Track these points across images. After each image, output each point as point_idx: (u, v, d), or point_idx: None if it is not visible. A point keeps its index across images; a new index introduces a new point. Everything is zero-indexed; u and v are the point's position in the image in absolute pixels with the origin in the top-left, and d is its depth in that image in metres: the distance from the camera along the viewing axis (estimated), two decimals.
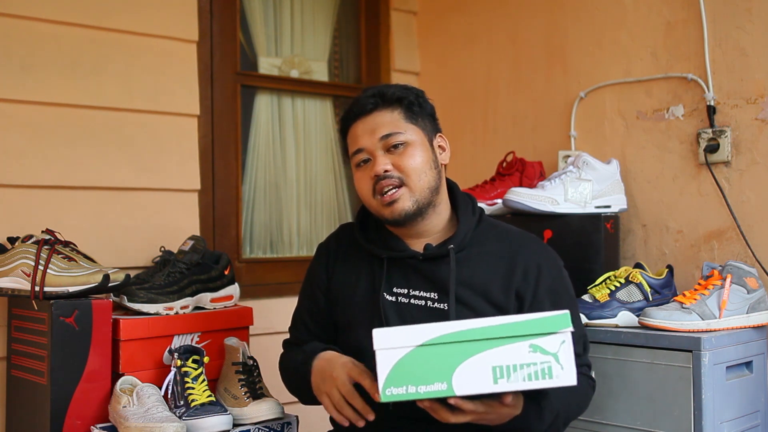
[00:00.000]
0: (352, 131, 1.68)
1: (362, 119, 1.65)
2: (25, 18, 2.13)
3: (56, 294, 1.79)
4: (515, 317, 1.36)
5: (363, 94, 1.68)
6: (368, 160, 1.65)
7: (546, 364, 1.32)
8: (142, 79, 2.33)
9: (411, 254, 1.66)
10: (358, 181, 1.68)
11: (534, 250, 1.69)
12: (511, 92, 2.72)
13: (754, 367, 1.93)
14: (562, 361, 1.32)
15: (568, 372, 1.32)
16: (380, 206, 1.63)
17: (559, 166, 2.43)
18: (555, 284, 1.67)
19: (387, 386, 1.34)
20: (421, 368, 1.34)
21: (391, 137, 1.62)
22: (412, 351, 1.34)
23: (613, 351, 1.90)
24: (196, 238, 2.12)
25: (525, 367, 1.33)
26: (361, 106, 1.65)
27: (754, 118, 2.10)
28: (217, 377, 1.99)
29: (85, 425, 1.81)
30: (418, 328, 1.36)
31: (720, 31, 2.16)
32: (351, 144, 1.68)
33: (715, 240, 2.16)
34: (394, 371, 1.34)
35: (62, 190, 2.19)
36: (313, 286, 1.77)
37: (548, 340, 1.33)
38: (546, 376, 1.32)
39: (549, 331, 1.34)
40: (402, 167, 1.61)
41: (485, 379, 1.33)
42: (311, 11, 2.88)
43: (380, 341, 1.35)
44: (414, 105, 1.66)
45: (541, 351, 1.33)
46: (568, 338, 1.33)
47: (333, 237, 1.82)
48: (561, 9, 2.56)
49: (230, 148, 2.58)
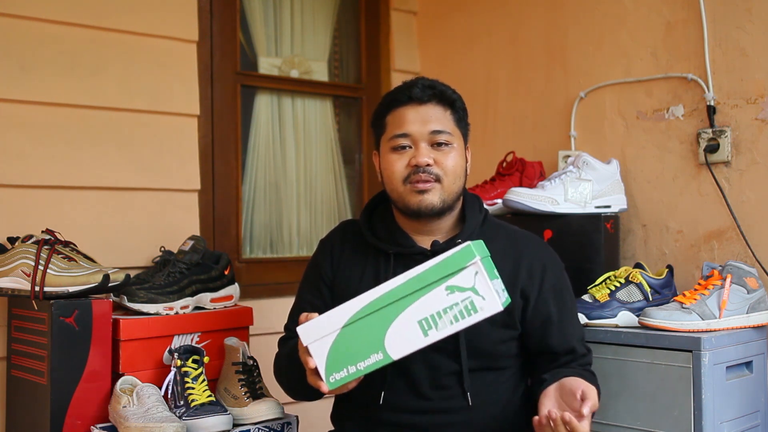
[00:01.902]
0: (398, 113, 1.67)
1: (414, 106, 1.65)
2: (25, 18, 2.13)
3: (56, 294, 1.79)
4: (425, 266, 1.37)
5: (416, 82, 1.68)
6: (408, 147, 1.65)
7: (467, 300, 1.34)
8: (142, 79, 2.33)
9: (419, 250, 1.67)
10: (391, 164, 1.66)
11: (539, 250, 1.73)
12: (511, 92, 2.72)
13: (754, 367, 1.93)
14: (482, 293, 1.34)
15: (491, 300, 1.34)
16: (408, 193, 1.64)
17: (559, 166, 2.43)
18: (558, 284, 1.71)
19: (329, 374, 1.37)
20: (353, 346, 1.37)
21: (441, 134, 1.64)
22: (339, 334, 1.37)
23: (613, 351, 1.90)
24: (196, 238, 2.13)
25: (448, 310, 1.35)
26: (417, 93, 1.65)
27: (754, 118, 2.10)
28: (217, 377, 1.99)
29: (85, 425, 1.81)
30: (336, 311, 1.39)
31: (720, 31, 2.16)
32: (393, 125, 1.67)
33: (715, 240, 2.16)
34: (330, 359, 1.37)
35: (62, 190, 2.18)
36: (318, 279, 1.76)
37: (461, 277, 1.35)
38: (472, 312, 1.34)
39: (459, 268, 1.35)
40: (443, 165, 1.64)
41: (415, 335, 1.35)
42: (311, 11, 2.88)
43: (306, 336, 1.38)
44: (462, 112, 1.71)
45: (459, 290, 1.34)
46: (479, 268, 1.34)
47: (336, 232, 1.82)
48: (561, 9, 2.56)
49: (230, 148, 2.58)
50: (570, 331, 1.69)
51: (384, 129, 1.70)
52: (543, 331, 1.67)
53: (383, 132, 1.70)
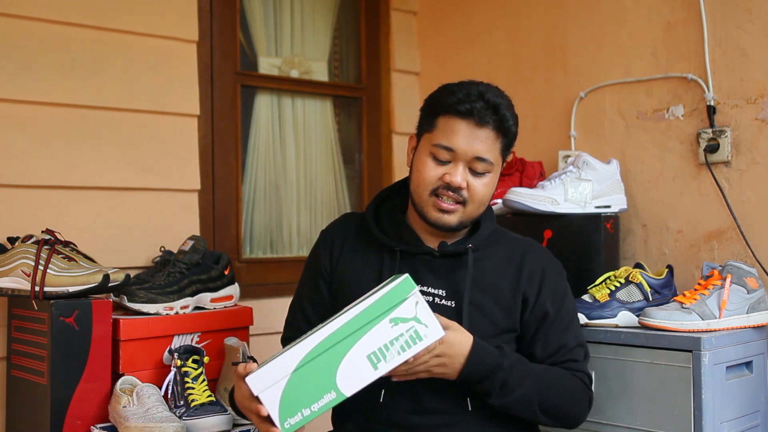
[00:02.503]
0: (452, 122, 1.60)
1: (471, 124, 1.59)
2: (25, 18, 2.13)
3: (56, 294, 1.79)
4: (361, 305, 1.40)
5: (483, 96, 1.59)
6: (447, 161, 1.61)
7: (411, 330, 1.38)
8: (142, 79, 2.33)
9: (426, 250, 1.67)
10: (425, 169, 1.62)
11: (539, 256, 1.73)
12: (511, 92, 2.67)
13: (754, 367, 1.93)
14: (424, 321, 1.38)
15: (433, 327, 1.39)
16: (430, 205, 1.63)
17: (559, 166, 2.43)
18: (557, 289, 1.71)
19: (283, 420, 1.36)
20: (305, 389, 1.37)
21: (483, 163, 1.61)
22: (290, 378, 1.37)
23: (613, 351, 1.90)
24: (196, 238, 2.13)
25: (395, 341, 1.38)
26: (480, 112, 1.58)
27: (754, 118, 2.10)
28: (217, 377, 2.00)
29: (85, 425, 1.81)
30: (283, 357, 1.38)
31: (720, 31, 2.16)
32: (443, 133, 1.61)
33: (715, 240, 2.16)
34: (282, 404, 1.36)
35: (62, 190, 2.18)
36: (317, 274, 1.75)
37: (403, 308, 1.39)
38: (417, 340, 1.39)
39: (400, 300, 1.39)
40: (473, 192, 1.62)
41: (366, 369, 1.38)
42: (311, 11, 2.88)
43: (256, 385, 1.37)
44: (512, 139, 1.66)
45: (402, 320, 1.38)
46: (419, 298, 1.39)
47: (337, 224, 1.80)
48: (561, 9, 2.56)
49: (230, 148, 2.58)
50: (567, 335, 1.68)
51: (432, 128, 1.64)
52: (539, 333, 1.67)
53: (430, 130, 1.64)
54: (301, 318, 1.75)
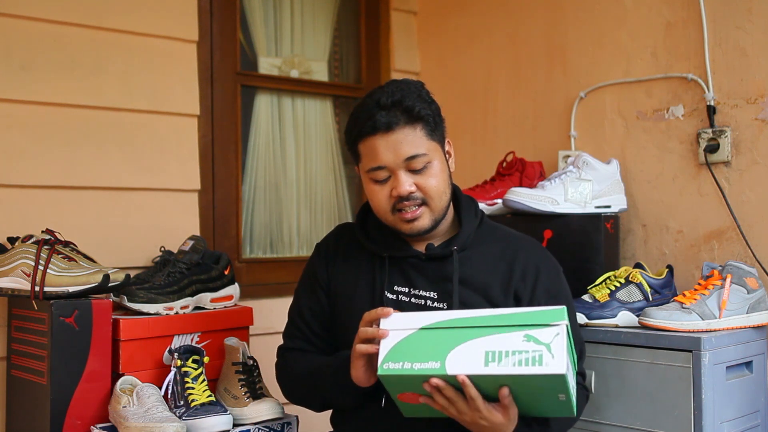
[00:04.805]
0: (369, 144, 1.60)
1: (383, 135, 1.58)
2: (25, 18, 2.13)
3: (56, 294, 1.79)
4: (516, 309, 1.42)
5: (379, 103, 1.59)
6: (386, 178, 1.61)
7: (537, 353, 1.35)
8: (142, 79, 2.33)
9: (413, 254, 1.67)
10: (375, 195, 1.63)
11: (533, 252, 1.71)
12: (511, 92, 2.72)
13: (754, 367, 1.93)
14: (553, 351, 1.35)
15: (559, 361, 1.35)
16: (399, 221, 1.63)
17: (559, 166, 2.43)
18: (553, 287, 1.69)
19: (385, 361, 1.41)
20: (419, 348, 1.41)
21: (417, 159, 1.58)
22: (413, 333, 1.42)
23: (613, 351, 1.90)
24: (196, 238, 2.13)
25: (517, 353, 1.36)
26: (382, 121, 1.57)
27: (754, 118, 2.10)
28: (217, 377, 1.99)
29: (85, 425, 1.81)
30: (423, 313, 1.44)
31: (720, 31, 2.16)
32: (368, 158, 1.62)
33: (715, 240, 2.16)
34: (394, 349, 1.41)
35: (62, 190, 2.19)
36: (315, 283, 1.76)
37: (543, 331, 1.37)
38: (536, 363, 1.35)
39: (545, 323, 1.38)
40: (425, 189, 1.60)
41: (477, 361, 1.37)
42: (311, 11, 2.88)
43: (387, 323, 1.44)
44: (433, 119, 1.62)
45: (535, 341, 1.36)
46: (562, 331, 1.36)
47: (332, 236, 1.82)
48: (561, 9, 2.56)
49: (230, 148, 2.58)
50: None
51: (358, 158, 1.65)
52: None
53: (359, 161, 1.66)
54: (305, 328, 1.75)
